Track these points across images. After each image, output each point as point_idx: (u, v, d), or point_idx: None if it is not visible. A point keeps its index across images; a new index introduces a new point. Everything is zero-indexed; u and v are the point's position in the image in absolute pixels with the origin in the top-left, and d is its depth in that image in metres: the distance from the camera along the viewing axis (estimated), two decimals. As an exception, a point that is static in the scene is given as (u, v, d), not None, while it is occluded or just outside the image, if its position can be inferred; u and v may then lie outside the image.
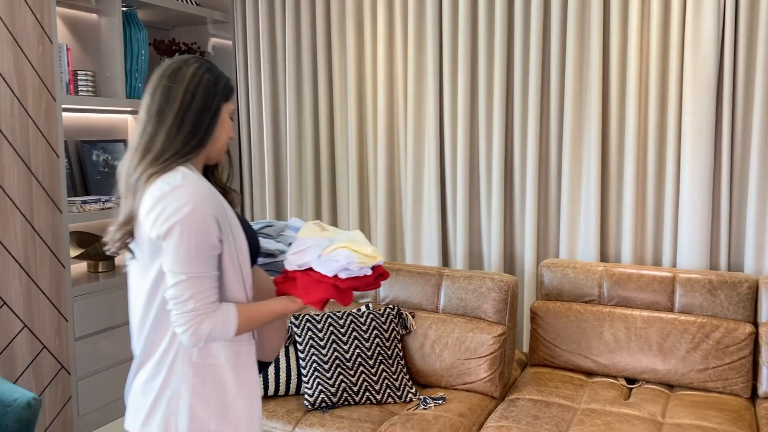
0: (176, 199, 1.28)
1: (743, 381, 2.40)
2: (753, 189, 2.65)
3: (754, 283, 2.50)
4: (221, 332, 1.31)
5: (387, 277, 1.45)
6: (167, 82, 1.35)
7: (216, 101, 1.37)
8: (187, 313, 1.28)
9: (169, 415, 1.34)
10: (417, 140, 3.19)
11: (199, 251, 1.28)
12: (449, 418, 2.23)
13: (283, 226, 1.64)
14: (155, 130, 1.34)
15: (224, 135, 1.41)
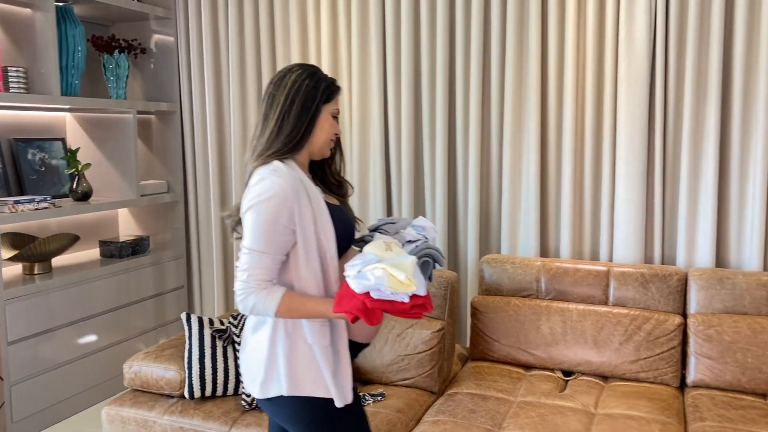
0: (261, 187, 1.47)
1: (673, 371, 2.47)
2: (684, 185, 2.73)
3: (683, 276, 2.57)
4: (262, 310, 1.46)
5: (430, 310, 1.45)
6: (272, 90, 1.55)
7: (315, 104, 1.53)
8: (242, 281, 1.46)
9: (276, 382, 1.51)
10: (362, 138, 3.19)
11: (264, 232, 1.45)
12: (387, 414, 2.24)
13: (404, 224, 1.68)
14: (261, 132, 1.54)
15: (324, 134, 1.57)
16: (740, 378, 2.35)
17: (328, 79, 1.58)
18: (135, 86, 3.66)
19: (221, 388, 2.37)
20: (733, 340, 2.36)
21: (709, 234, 2.69)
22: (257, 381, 1.54)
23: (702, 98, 2.68)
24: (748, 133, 2.65)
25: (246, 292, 1.46)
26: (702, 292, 2.50)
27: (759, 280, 2.46)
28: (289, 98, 1.52)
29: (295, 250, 1.50)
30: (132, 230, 3.73)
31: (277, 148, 1.52)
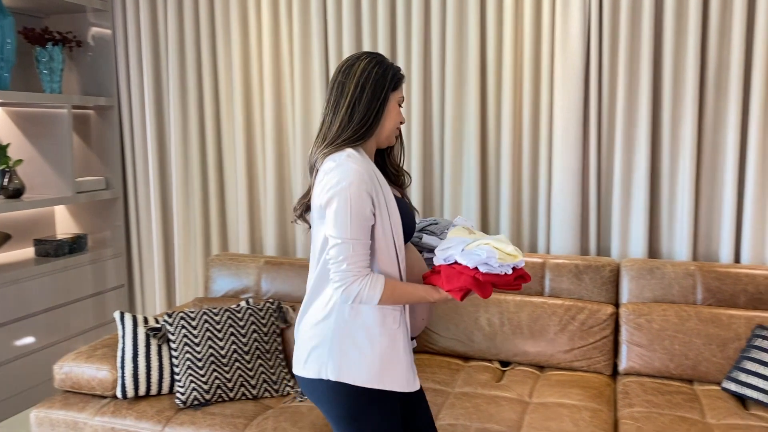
0: (338, 173, 1.46)
1: (605, 359, 2.53)
2: (617, 178, 2.80)
3: (615, 267, 2.64)
4: (367, 296, 1.46)
5: (528, 279, 1.53)
6: (341, 78, 1.55)
7: (384, 92, 1.54)
8: (341, 272, 1.46)
9: (321, 364, 1.52)
10: (305, 132, 3.17)
11: (353, 219, 1.45)
12: (324, 409, 2.24)
13: (447, 224, 1.74)
14: (331, 120, 1.54)
15: (391, 122, 1.58)
16: (668, 365, 2.42)
17: (395, 67, 1.59)
18: (71, 80, 3.56)
19: (155, 387, 2.34)
20: (661, 328, 2.44)
21: (642, 226, 2.77)
22: (301, 360, 1.56)
23: (634, 94, 2.75)
24: (677, 129, 2.73)
25: (347, 281, 1.46)
26: (633, 282, 2.57)
27: (687, 269, 2.54)
28: (359, 86, 1.53)
29: (375, 236, 1.51)
30: (69, 228, 3.64)
31: (348, 136, 1.53)
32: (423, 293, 1.53)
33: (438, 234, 1.72)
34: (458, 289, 1.47)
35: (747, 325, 2.37)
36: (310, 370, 1.54)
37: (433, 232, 1.74)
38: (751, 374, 2.21)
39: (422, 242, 1.72)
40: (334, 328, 1.52)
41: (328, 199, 1.47)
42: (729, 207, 2.67)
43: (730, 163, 2.65)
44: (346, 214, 1.45)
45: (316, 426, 2.12)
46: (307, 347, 1.55)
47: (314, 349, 1.53)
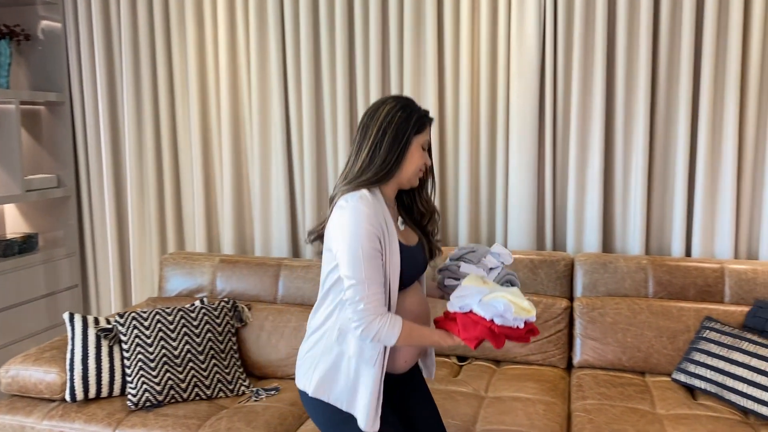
0: (348, 215, 1.51)
1: (560, 353, 2.56)
2: (572, 174, 2.83)
3: (570, 262, 2.67)
4: (386, 335, 1.51)
5: (537, 333, 1.59)
6: (366, 121, 1.60)
7: (406, 136, 1.58)
8: (359, 312, 1.50)
9: (306, 377, 1.61)
10: (263, 128, 3.13)
11: (365, 260, 1.50)
12: (279, 408, 2.22)
13: (484, 252, 1.78)
14: (354, 160, 1.60)
15: (413, 165, 1.61)
16: (621, 357, 2.46)
17: (421, 111, 1.62)
18: (20, 75, 3.46)
19: (106, 389, 2.29)
20: (614, 321, 2.48)
21: (596, 221, 2.81)
22: (299, 371, 1.65)
23: (588, 92, 2.79)
24: (630, 126, 2.78)
25: (367, 320, 1.50)
26: (587, 276, 2.61)
27: (639, 263, 2.59)
28: (381, 129, 1.57)
29: None
30: (20, 228, 3.54)
31: (367, 177, 1.57)
32: (438, 338, 1.59)
33: (475, 263, 1.77)
34: (474, 338, 1.53)
35: (696, 317, 2.42)
36: (299, 380, 1.64)
37: (470, 260, 1.79)
38: (699, 365, 2.26)
39: (460, 271, 1.77)
40: (321, 348, 1.60)
41: (340, 239, 1.52)
42: (680, 202, 2.73)
43: (681, 159, 2.71)
44: (357, 256, 1.50)
45: (270, 425, 2.10)
46: (299, 358, 1.66)
47: (303, 361, 1.63)
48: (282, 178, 3.12)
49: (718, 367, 2.20)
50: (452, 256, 1.83)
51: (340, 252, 1.52)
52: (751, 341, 2.18)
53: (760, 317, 2.34)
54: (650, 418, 2.09)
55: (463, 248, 1.82)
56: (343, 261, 1.52)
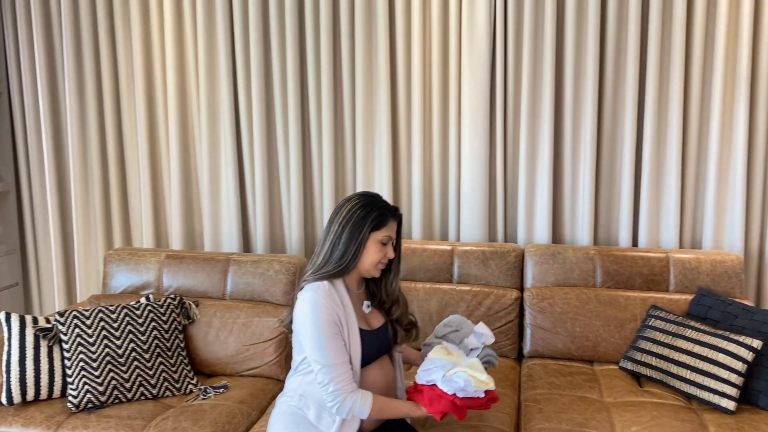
0: (306, 304, 1.68)
1: (511, 343, 2.58)
2: (522, 166, 2.85)
3: (520, 253, 2.69)
4: (359, 410, 1.67)
5: (497, 400, 1.76)
6: (333, 216, 1.76)
7: (362, 233, 1.71)
8: (331, 394, 1.66)
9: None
10: (211, 121, 3.06)
11: (327, 345, 1.66)
12: (228, 406, 2.17)
13: (468, 332, 1.94)
14: (319, 252, 1.76)
15: (370, 259, 1.74)
16: (570, 346, 2.49)
17: (383, 208, 1.75)
18: (-47, 65, 3.30)
19: (45, 390, 2.20)
20: (563, 311, 2.50)
21: (546, 212, 2.83)
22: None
23: (538, 85, 2.80)
24: (578, 119, 2.81)
25: (339, 400, 1.66)
26: (537, 266, 2.63)
27: (587, 253, 2.62)
28: (341, 226, 1.72)
29: None
30: (-45, 224, 3.38)
31: (328, 270, 1.72)
32: (407, 410, 1.73)
33: (457, 342, 1.91)
34: (439, 412, 1.68)
35: (642, 306, 2.47)
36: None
37: (452, 340, 1.93)
38: (645, 353, 2.30)
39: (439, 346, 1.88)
40: (287, 407, 1.77)
41: (303, 329, 1.68)
42: (626, 194, 2.78)
43: (627, 152, 2.75)
44: (320, 343, 1.66)
45: (218, 424, 2.06)
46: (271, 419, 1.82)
47: (273, 422, 1.79)
48: (231, 171, 3.05)
49: (663, 354, 2.24)
50: (437, 332, 1.97)
51: (305, 342, 1.68)
52: (694, 329, 2.23)
53: (703, 305, 2.40)
54: (598, 406, 2.12)
55: (448, 325, 1.96)
56: (308, 348, 1.68)
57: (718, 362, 2.09)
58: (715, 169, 2.70)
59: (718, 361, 2.09)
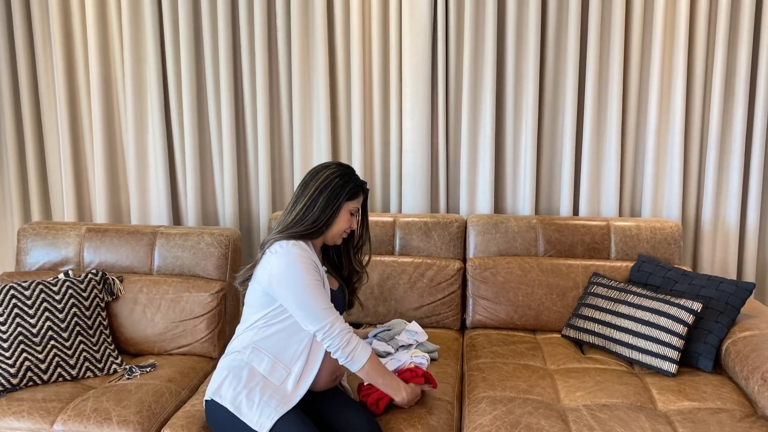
0: (283, 256, 1.67)
1: (453, 314, 2.52)
2: (464, 138, 2.79)
3: (463, 224, 2.63)
4: (358, 357, 1.68)
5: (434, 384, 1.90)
6: (307, 179, 1.77)
7: (339, 200, 1.74)
8: (336, 336, 1.66)
9: (218, 387, 1.72)
10: (137, 89, 2.87)
11: (313, 292, 1.66)
12: (155, 385, 2.03)
13: (399, 330, 2.10)
14: (289, 212, 1.76)
15: (339, 227, 1.77)
16: (512, 316, 2.45)
17: (358, 181, 1.78)
18: None
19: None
20: (506, 280, 2.46)
21: (488, 183, 2.79)
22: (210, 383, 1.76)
23: (479, 55, 2.74)
24: (520, 88, 2.76)
25: (345, 338, 1.66)
26: (479, 237, 2.58)
27: (529, 222, 2.58)
28: (318, 190, 1.73)
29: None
30: None
31: (299, 231, 1.72)
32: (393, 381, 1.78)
33: (387, 340, 2.05)
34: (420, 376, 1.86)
35: (584, 274, 2.45)
36: (207, 391, 1.74)
37: (383, 338, 2.07)
38: (588, 319, 2.28)
39: (372, 347, 2.03)
40: (233, 363, 1.73)
41: (283, 287, 1.65)
42: (568, 164, 2.75)
43: (569, 123, 2.73)
44: (306, 292, 1.64)
45: (144, 403, 1.91)
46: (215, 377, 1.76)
47: (218, 378, 1.73)
48: (159, 144, 2.87)
49: (605, 320, 2.22)
50: (370, 334, 2.11)
51: (288, 299, 1.65)
52: (636, 294, 2.23)
53: (643, 271, 2.40)
54: (542, 374, 2.08)
55: (382, 326, 2.12)
56: (293, 305, 1.65)
57: (660, 326, 2.09)
58: (654, 140, 2.71)
59: (660, 325, 2.09)
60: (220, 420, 1.69)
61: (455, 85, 2.80)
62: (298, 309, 1.66)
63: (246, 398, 1.66)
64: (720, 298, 2.18)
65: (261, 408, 1.65)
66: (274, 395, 1.67)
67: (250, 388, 1.67)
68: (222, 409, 1.68)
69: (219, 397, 1.69)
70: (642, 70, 2.73)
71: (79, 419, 1.84)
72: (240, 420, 1.65)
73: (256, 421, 1.63)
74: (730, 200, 2.73)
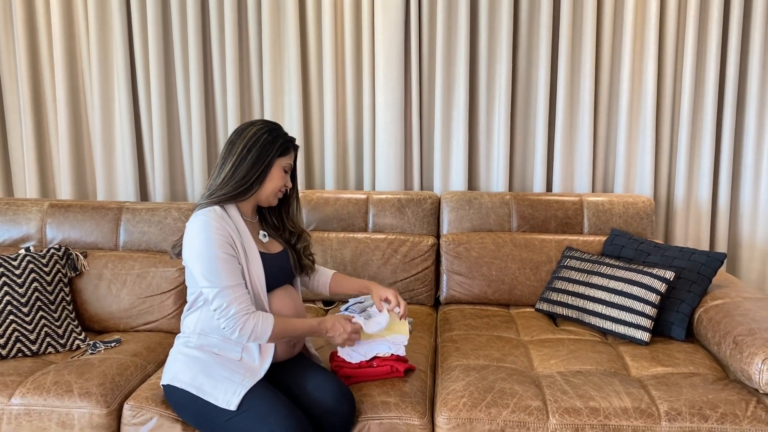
0: (196, 226, 1.58)
1: (427, 290, 2.50)
2: (438, 115, 2.76)
3: (436, 200, 2.61)
4: (261, 331, 1.58)
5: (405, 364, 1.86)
6: (234, 137, 1.68)
7: (269, 157, 1.66)
8: (231, 317, 1.56)
9: (175, 371, 1.65)
10: (103, 62, 2.79)
11: (221, 266, 1.56)
12: (119, 359, 1.96)
13: (371, 303, 2.01)
14: (218, 173, 1.67)
15: (272, 185, 1.69)
16: (486, 291, 2.43)
17: (287, 136, 1.70)
18: None
19: None
20: (479, 255, 2.44)
21: (461, 161, 2.77)
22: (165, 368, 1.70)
23: (453, 32, 2.72)
24: (493, 66, 2.75)
25: (240, 321, 1.55)
26: (453, 213, 2.56)
27: (502, 199, 2.57)
28: (246, 148, 1.64)
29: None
30: None
31: (227, 191, 1.63)
32: (308, 327, 1.67)
33: (359, 312, 2.00)
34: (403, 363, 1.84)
35: (557, 248, 2.44)
36: (164, 377, 1.68)
37: (355, 310, 2.02)
38: (561, 292, 2.27)
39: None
40: (184, 351, 1.67)
41: (193, 256, 1.57)
42: (541, 141, 2.75)
43: (542, 100, 2.72)
44: (214, 264, 1.55)
45: (107, 375, 1.85)
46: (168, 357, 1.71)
47: (170, 360, 1.69)
48: (126, 118, 2.80)
49: (579, 292, 2.21)
50: (342, 308, 2.10)
51: (196, 267, 1.56)
52: (609, 265, 2.22)
53: (616, 244, 2.40)
54: (515, 344, 2.06)
55: (352, 300, 2.08)
56: (200, 272, 1.56)
57: (633, 295, 2.08)
58: (626, 118, 2.72)
59: (633, 294, 2.08)
60: (181, 402, 1.64)
61: (428, 63, 2.78)
62: (204, 281, 1.56)
63: (207, 377, 1.59)
64: (692, 268, 2.18)
65: (225, 385, 1.57)
66: (237, 370, 1.61)
67: (209, 366, 1.61)
68: (182, 392, 1.62)
69: (177, 381, 1.63)
70: (614, 50, 2.73)
71: (39, 392, 1.77)
72: (203, 400, 1.58)
73: (222, 398, 1.56)
74: (702, 179, 2.74)
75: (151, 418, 1.71)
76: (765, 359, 1.65)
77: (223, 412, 1.57)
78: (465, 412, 1.66)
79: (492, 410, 1.66)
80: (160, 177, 2.83)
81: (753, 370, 1.66)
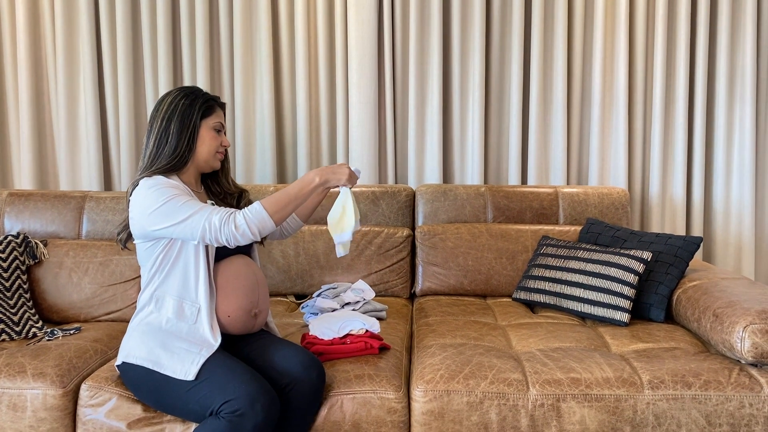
0: (142, 189, 1.53)
1: (402, 282, 2.44)
2: (412, 112, 2.75)
3: (411, 193, 2.57)
4: (256, 217, 1.50)
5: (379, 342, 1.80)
6: (153, 112, 1.63)
7: (193, 120, 1.61)
8: (218, 228, 1.49)
9: (130, 348, 1.58)
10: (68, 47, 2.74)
11: (180, 203, 1.50)
12: (78, 344, 1.85)
13: (345, 288, 2.14)
14: (144, 151, 1.62)
15: (207, 147, 1.64)
16: (462, 281, 2.38)
17: (206, 96, 1.64)
18: None
19: None
20: (455, 245, 2.40)
21: (436, 157, 2.75)
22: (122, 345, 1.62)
23: (426, 28, 2.73)
24: (466, 63, 2.76)
25: (227, 221, 1.48)
26: (428, 205, 2.52)
27: (477, 190, 2.54)
28: (166, 119, 1.59)
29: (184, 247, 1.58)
30: None
31: (161, 165, 1.58)
32: (302, 185, 1.57)
33: (331, 297, 2.07)
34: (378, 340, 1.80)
35: (533, 238, 2.41)
36: (120, 354, 1.61)
37: (327, 296, 2.09)
38: (538, 279, 2.23)
39: (316, 305, 2.08)
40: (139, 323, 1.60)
41: (145, 211, 1.50)
42: (515, 136, 2.74)
43: (515, 95, 2.73)
44: (176, 203, 1.49)
45: (64, 358, 1.74)
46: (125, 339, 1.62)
47: (127, 339, 1.60)
48: (91, 107, 2.73)
49: (556, 277, 2.18)
50: (315, 294, 2.14)
51: (160, 225, 1.50)
52: (585, 249, 2.19)
53: (592, 232, 2.38)
54: (493, 326, 2.01)
55: (326, 286, 2.15)
56: (169, 226, 1.49)
57: (611, 276, 2.05)
58: (599, 113, 2.74)
59: (611, 276, 2.05)
60: (137, 379, 1.56)
61: (402, 60, 2.78)
62: (174, 227, 1.50)
63: (164, 350, 1.53)
64: (669, 251, 2.16)
65: (183, 356, 1.51)
66: (195, 341, 1.54)
67: (165, 338, 1.55)
68: (137, 368, 1.55)
69: (132, 357, 1.55)
70: (585, 46, 2.76)
71: (-11, 374, 1.65)
72: (160, 374, 1.51)
73: (180, 369, 1.50)
74: (676, 175, 2.75)
75: (110, 398, 1.61)
76: (746, 326, 1.62)
77: (181, 383, 1.48)
78: (442, 384, 1.59)
79: (470, 381, 1.59)
80: (127, 170, 2.76)
81: (734, 338, 1.63)
